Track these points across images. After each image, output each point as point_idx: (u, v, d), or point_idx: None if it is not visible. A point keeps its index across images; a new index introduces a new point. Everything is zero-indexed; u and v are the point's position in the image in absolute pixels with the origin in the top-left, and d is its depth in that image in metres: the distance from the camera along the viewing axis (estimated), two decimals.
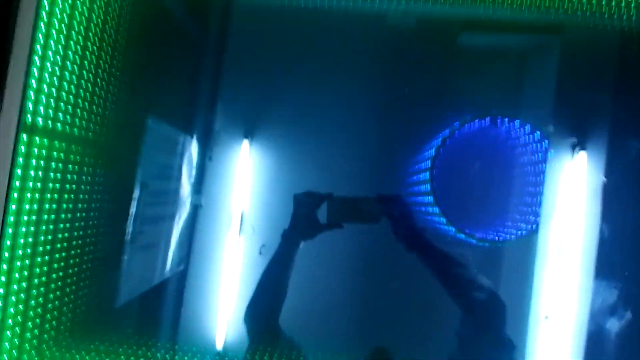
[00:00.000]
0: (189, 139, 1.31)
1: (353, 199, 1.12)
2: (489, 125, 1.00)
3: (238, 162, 1.28)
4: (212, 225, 1.29)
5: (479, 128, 1.00)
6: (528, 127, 0.98)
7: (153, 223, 1.25)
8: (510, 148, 1.08)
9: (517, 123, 0.99)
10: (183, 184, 1.31)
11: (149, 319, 1.25)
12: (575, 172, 1.10)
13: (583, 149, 1.09)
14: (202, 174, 1.31)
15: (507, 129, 1.04)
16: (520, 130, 1.02)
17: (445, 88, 1.21)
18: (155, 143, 1.24)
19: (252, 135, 1.30)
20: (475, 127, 0.97)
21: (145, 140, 1.19)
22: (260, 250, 1.22)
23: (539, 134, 1.00)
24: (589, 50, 1.14)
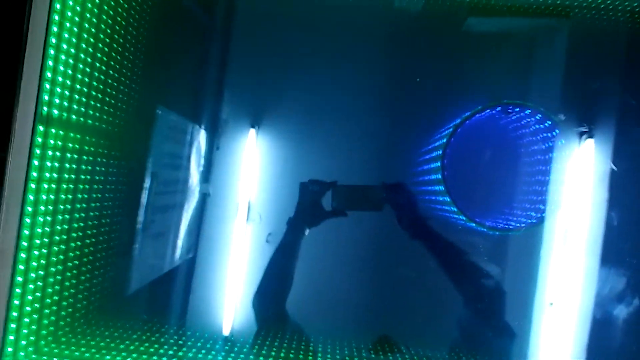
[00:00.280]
0: (197, 129, 1.31)
1: (357, 187, 1.13)
2: (500, 114, 1.00)
3: (245, 151, 1.28)
4: (220, 214, 1.30)
5: (489, 116, 1.00)
6: (539, 115, 0.98)
7: (163, 212, 1.26)
8: (521, 137, 1.08)
9: (527, 112, 0.99)
10: (192, 173, 1.32)
11: (160, 306, 1.26)
12: (584, 160, 1.10)
13: (592, 137, 1.09)
14: (210, 163, 1.32)
15: (517, 118, 1.04)
16: (531, 119, 1.02)
17: (453, 75, 1.21)
18: (165, 133, 1.24)
19: (259, 124, 1.30)
20: (486, 115, 0.97)
21: (155, 130, 1.20)
22: (267, 238, 1.23)
23: (550, 123, 1.00)
24: (599, 36, 1.13)
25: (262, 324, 1.14)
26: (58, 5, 0.80)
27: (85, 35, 0.88)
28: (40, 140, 0.79)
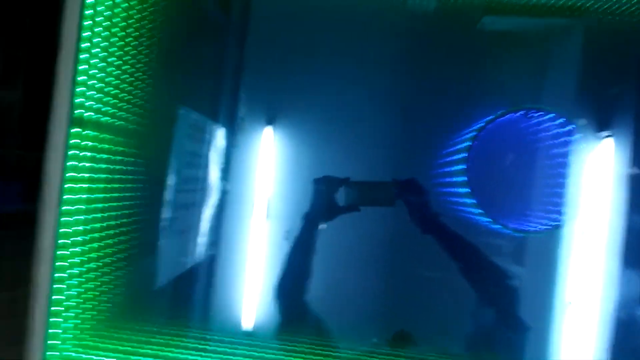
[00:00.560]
0: (216, 127, 1.34)
1: (369, 183, 1.16)
2: (522, 118, 1.02)
3: (262, 148, 1.31)
4: (238, 211, 1.33)
5: (511, 120, 1.01)
6: (560, 120, 1.00)
7: (186, 209, 1.29)
8: (542, 140, 1.09)
9: (549, 116, 1.00)
10: (211, 171, 1.35)
11: (182, 301, 1.30)
12: (605, 163, 1.11)
13: (613, 141, 1.10)
14: (228, 161, 1.35)
15: (538, 122, 1.05)
16: (552, 123, 1.03)
17: (468, 75, 1.22)
18: (187, 131, 1.27)
19: (275, 122, 1.33)
20: (508, 119, 0.98)
21: (178, 129, 1.23)
22: (285, 236, 1.26)
23: (572, 127, 1.01)
24: (616, 36, 1.13)
25: (283, 318, 1.17)
26: (90, 11, 0.83)
27: (115, 40, 0.90)
28: (76, 142, 0.82)
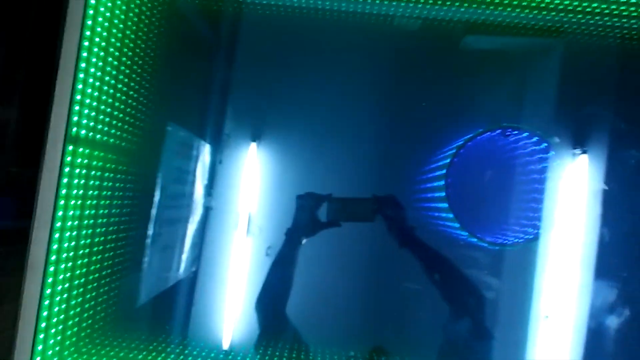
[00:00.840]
0: (203, 144, 1.36)
1: (350, 199, 1.19)
2: (499, 136, 1.07)
3: (246, 164, 1.33)
4: (221, 227, 1.34)
5: (489, 138, 1.06)
6: (535, 138, 1.05)
7: (170, 225, 1.30)
8: (518, 157, 1.15)
9: (524, 134, 1.06)
10: (197, 187, 1.36)
11: (165, 317, 1.30)
12: (577, 179, 1.17)
13: (585, 158, 1.16)
14: (213, 177, 1.36)
15: (515, 140, 1.11)
16: (528, 141, 1.09)
17: (450, 93, 1.26)
18: (174, 148, 1.29)
19: (259, 139, 1.35)
20: (486, 137, 1.04)
21: (166, 146, 1.24)
22: (267, 252, 1.28)
23: (545, 145, 1.07)
24: (592, 57, 1.20)
25: (262, 331, 1.18)
26: (88, 32, 0.85)
27: (110, 59, 0.93)
28: (70, 159, 0.83)
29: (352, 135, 1.33)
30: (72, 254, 0.87)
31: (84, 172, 0.88)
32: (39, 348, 0.81)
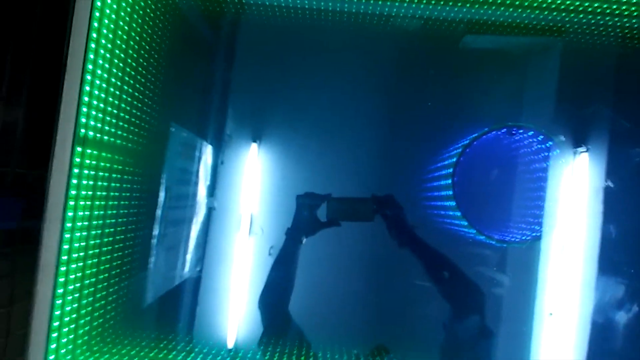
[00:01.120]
0: (205, 144, 1.37)
1: (350, 199, 1.20)
2: (504, 135, 1.08)
3: (247, 165, 1.34)
4: (224, 227, 1.36)
5: (495, 137, 1.07)
6: (540, 136, 1.06)
7: (175, 226, 1.31)
8: (523, 155, 1.16)
9: (530, 133, 1.07)
10: (200, 188, 1.37)
11: (171, 317, 1.31)
12: (580, 177, 1.18)
13: (590, 156, 1.17)
14: (215, 178, 1.38)
15: (520, 138, 1.12)
16: (533, 140, 1.10)
17: (451, 93, 1.28)
18: (178, 149, 1.30)
19: (260, 139, 1.36)
20: (492, 136, 1.05)
21: (170, 147, 1.25)
22: (270, 251, 1.29)
23: (550, 143, 1.08)
24: (592, 56, 1.20)
25: (266, 330, 1.19)
26: (94, 34, 0.86)
27: (116, 61, 0.93)
28: (78, 160, 0.84)
29: (353, 136, 1.34)
30: (82, 254, 0.88)
31: (92, 173, 0.89)
32: (53, 346, 0.82)
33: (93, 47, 0.85)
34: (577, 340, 1.17)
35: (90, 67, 0.85)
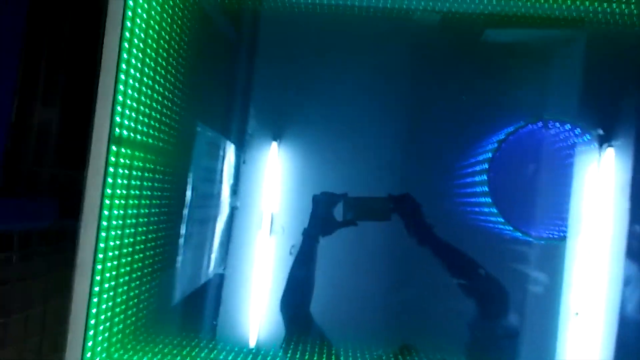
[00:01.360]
0: (228, 144, 1.37)
1: (366, 199, 1.20)
2: (540, 129, 1.07)
3: (268, 164, 1.34)
4: (246, 226, 1.36)
5: (530, 131, 1.06)
6: (577, 130, 1.05)
7: (203, 224, 1.32)
8: (559, 150, 1.15)
9: (567, 126, 1.05)
10: (224, 187, 1.37)
11: (195, 316, 1.31)
12: (608, 173, 1.15)
13: (612, 151, 1.14)
14: (238, 177, 1.38)
15: (556, 132, 1.10)
16: (569, 133, 1.08)
17: (473, 87, 1.25)
18: (204, 148, 1.30)
19: (280, 138, 1.36)
20: (527, 130, 1.03)
21: (196, 146, 1.26)
22: (290, 251, 1.29)
23: (588, 137, 1.06)
24: (616, 45, 1.17)
25: (287, 330, 1.19)
26: (127, 34, 0.86)
27: (148, 60, 0.94)
28: (114, 160, 0.85)
29: (374, 133, 1.33)
30: (117, 253, 0.88)
31: (127, 172, 0.89)
32: (89, 344, 0.82)
33: (126, 46, 0.86)
34: (603, 341, 1.15)
35: (124, 66, 0.86)
